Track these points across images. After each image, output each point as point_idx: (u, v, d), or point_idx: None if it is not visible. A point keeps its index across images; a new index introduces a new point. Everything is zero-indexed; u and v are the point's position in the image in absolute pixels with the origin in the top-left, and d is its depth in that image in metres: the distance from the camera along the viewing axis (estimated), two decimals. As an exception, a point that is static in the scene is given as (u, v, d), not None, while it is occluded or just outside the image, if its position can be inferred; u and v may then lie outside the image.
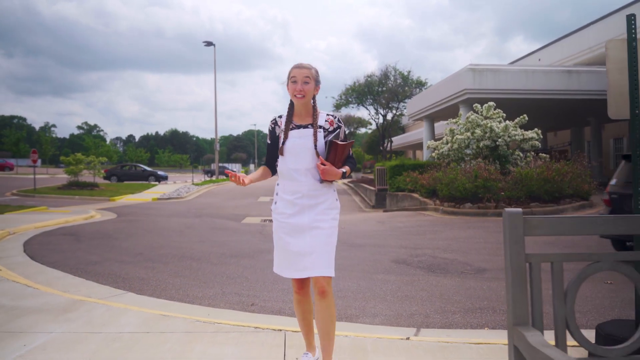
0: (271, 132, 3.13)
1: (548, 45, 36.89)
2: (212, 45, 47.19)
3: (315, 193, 3.00)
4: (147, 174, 42.05)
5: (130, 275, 6.68)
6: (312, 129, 3.01)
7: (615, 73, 3.32)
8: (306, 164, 2.97)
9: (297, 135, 3.00)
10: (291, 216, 2.99)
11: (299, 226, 2.97)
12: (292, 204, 3.00)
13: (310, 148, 2.97)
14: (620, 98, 3.29)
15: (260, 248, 9.10)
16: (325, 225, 2.98)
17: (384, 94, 41.39)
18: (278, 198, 3.10)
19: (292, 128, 3.03)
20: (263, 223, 13.92)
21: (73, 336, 3.84)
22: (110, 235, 10.85)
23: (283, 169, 3.03)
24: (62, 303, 4.82)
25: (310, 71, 3.01)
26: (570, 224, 1.92)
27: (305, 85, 2.97)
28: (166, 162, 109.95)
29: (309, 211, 2.98)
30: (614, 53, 3.34)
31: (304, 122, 3.05)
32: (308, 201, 2.99)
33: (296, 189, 3.00)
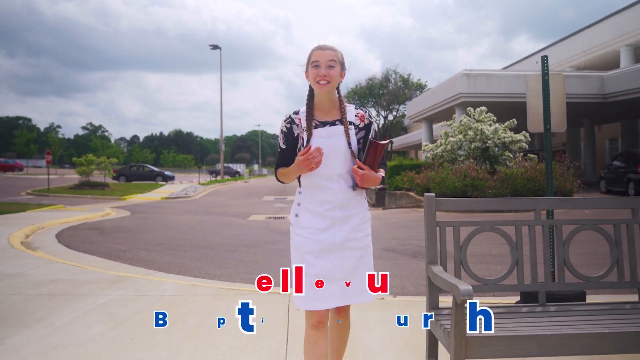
0: (287, 133, 2.59)
1: (545, 48, 38.03)
2: (218, 48, 48.46)
3: (348, 203, 2.56)
4: (154, 174, 43.33)
5: (157, 259, 7.85)
6: (342, 125, 2.56)
7: (533, 99, 4.48)
8: (338, 169, 2.53)
9: (325, 135, 2.53)
10: (321, 231, 2.52)
11: (329, 245, 2.51)
12: (321, 217, 2.53)
13: (343, 149, 2.52)
14: (537, 117, 4.46)
15: (266, 239, 10.26)
16: (357, 245, 2.56)
17: (385, 96, 42.62)
18: (301, 209, 2.59)
19: (316, 126, 2.55)
20: (268, 220, 15.05)
21: (126, 297, 5.01)
22: (130, 229, 12.03)
23: (312, 176, 2.54)
24: (111, 277, 6.00)
25: (336, 53, 2.56)
26: (467, 203, 3.08)
27: (330, 70, 2.52)
28: (171, 162, 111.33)
29: (341, 226, 2.54)
30: (532, 84, 4.50)
31: (329, 117, 2.58)
32: (340, 213, 2.54)
33: (327, 198, 2.53)
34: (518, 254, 3.07)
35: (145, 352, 3.54)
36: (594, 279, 3.16)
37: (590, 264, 6.89)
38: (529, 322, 2.78)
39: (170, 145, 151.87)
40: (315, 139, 2.51)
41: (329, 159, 2.49)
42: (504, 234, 3.04)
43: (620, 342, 2.51)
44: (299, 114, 2.61)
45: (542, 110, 4.41)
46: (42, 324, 4.12)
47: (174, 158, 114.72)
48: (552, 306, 3.05)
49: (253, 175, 69.28)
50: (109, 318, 4.31)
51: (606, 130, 36.28)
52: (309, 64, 2.57)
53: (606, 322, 2.76)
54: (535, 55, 39.39)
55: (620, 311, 2.97)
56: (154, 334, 3.86)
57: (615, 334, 2.52)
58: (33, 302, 4.81)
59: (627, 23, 28.46)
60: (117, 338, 3.82)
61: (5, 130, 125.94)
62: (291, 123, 2.59)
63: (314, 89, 2.58)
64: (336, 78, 2.54)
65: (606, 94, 23.47)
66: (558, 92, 4.44)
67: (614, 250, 3.18)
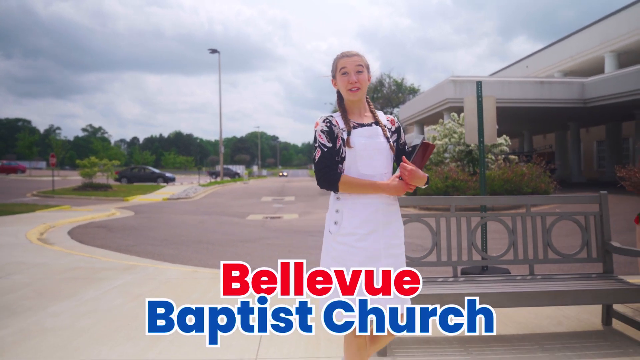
0: (328, 131, 2.53)
1: (535, 53, 39.11)
2: (216, 52, 49.50)
3: (390, 207, 2.54)
4: (155, 175, 44.34)
5: (162, 252, 8.89)
6: (379, 127, 2.58)
7: (470, 116, 5.52)
8: (382, 168, 2.52)
9: (367, 134, 2.53)
10: (365, 237, 2.45)
11: (374, 251, 2.46)
12: (366, 222, 2.47)
13: (385, 149, 2.53)
14: (472, 131, 5.50)
15: (262, 236, 11.30)
16: (397, 252, 2.54)
17: (379, 100, 43.71)
18: (341, 216, 2.51)
19: (354, 127, 2.54)
20: (265, 219, 16.06)
21: (138, 281, 6.05)
22: (136, 227, 13.07)
23: (354, 176, 2.49)
24: (123, 265, 7.05)
25: (362, 58, 2.58)
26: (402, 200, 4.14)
27: (359, 75, 2.54)
28: (172, 164, 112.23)
29: (383, 231, 2.49)
30: (469, 105, 5.54)
31: (365, 120, 2.60)
32: (383, 217, 2.50)
33: (370, 201, 2.49)
34: (437, 239, 4.11)
35: (157, 316, 4.59)
36: (494, 258, 4.22)
37: (499, 248, 7.95)
38: (447, 287, 3.84)
39: (171, 147, 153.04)
40: (358, 139, 2.50)
41: (372, 159, 2.50)
42: (427, 224, 4.09)
43: (497, 298, 3.56)
44: (334, 116, 2.59)
45: (477, 126, 5.45)
46: (74, 299, 5.16)
47: (175, 160, 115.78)
48: (462, 277, 4.11)
49: (252, 177, 70.24)
50: (127, 294, 5.36)
51: (594, 132, 37.36)
52: (337, 72, 2.58)
53: (495, 286, 3.82)
54: (526, 59, 40.52)
55: (511, 281, 4.03)
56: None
57: (494, 294, 3.58)
58: (62, 284, 5.85)
59: (611, 30, 29.60)
60: (134, 307, 4.87)
61: (6, 132, 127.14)
62: (330, 123, 2.55)
63: (344, 96, 2.60)
64: (365, 82, 2.57)
65: (586, 99, 24.52)
66: (489, 112, 5.48)
67: (511, 236, 4.23)
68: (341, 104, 2.62)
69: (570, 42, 34.39)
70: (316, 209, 19.62)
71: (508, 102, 24.27)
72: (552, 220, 4.35)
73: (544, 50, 37.98)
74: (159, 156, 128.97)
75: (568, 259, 4.34)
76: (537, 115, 27.78)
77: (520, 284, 3.91)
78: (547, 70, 37.06)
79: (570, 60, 34.35)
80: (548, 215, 4.38)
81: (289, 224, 14.43)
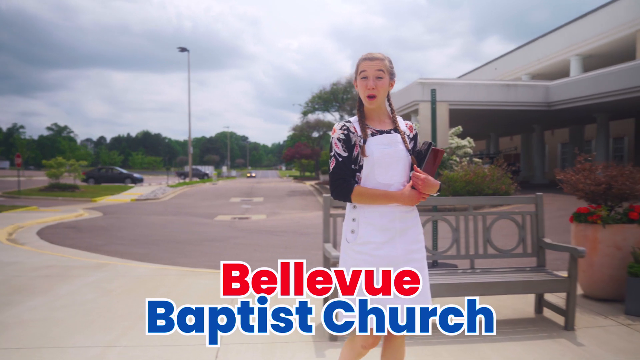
0: (345, 140, 2.48)
1: (504, 55, 40.21)
2: (186, 51, 49.46)
3: (407, 215, 2.51)
4: (123, 176, 44.07)
5: (132, 252, 9.14)
6: (398, 134, 2.53)
7: (424, 122, 5.98)
8: (401, 177, 2.48)
9: (386, 142, 2.48)
10: (382, 245, 2.43)
11: (392, 259, 2.43)
12: (383, 230, 2.45)
13: (404, 157, 2.48)
14: (426, 137, 5.94)
15: (229, 235, 11.62)
16: (418, 257, 2.52)
17: (349, 101, 44.23)
18: (358, 225, 2.48)
19: (373, 134, 2.49)
20: (233, 220, 16.35)
21: (109, 277, 6.34)
22: (105, 228, 13.24)
23: (371, 185, 2.46)
24: (95, 263, 7.31)
25: (384, 62, 2.49)
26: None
27: (378, 81, 2.46)
28: (140, 164, 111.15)
29: (401, 238, 2.47)
30: (423, 112, 5.99)
31: (383, 126, 2.54)
32: (400, 225, 2.48)
33: (388, 209, 2.46)
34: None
35: (128, 308, 4.90)
36: (439, 253, 4.66)
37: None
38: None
39: (138, 146, 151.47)
40: (376, 147, 2.44)
41: (390, 167, 2.45)
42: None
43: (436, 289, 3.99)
44: (352, 122, 2.53)
45: (430, 132, 5.90)
46: (49, 294, 5.44)
47: (142, 160, 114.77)
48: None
49: (221, 178, 70.18)
50: (99, 289, 5.65)
51: (559, 134, 38.47)
52: (357, 74, 2.52)
53: (437, 278, 4.25)
54: (495, 62, 41.58)
55: (453, 274, 4.47)
56: (134, 299, 5.23)
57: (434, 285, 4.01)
58: (36, 281, 6.10)
59: (576, 34, 30.75)
60: (107, 301, 5.17)
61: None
62: (348, 130, 2.49)
63: (362, 101, 2.55)
64: (385, 89, 2.49)
65: (550, 102, 25.35)
66: (442, 118, 5.94)
67: (455, 234, 4.68)
68: (360, 108, 2.57)
69: (537, 45, 35.48)
70: (284, 209, 19.98)
71: (475, 104, 24.87)
72: (492, 220, 4.82)
73: (513, 52, 39.05)
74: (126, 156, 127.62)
75: (506, 255, 4.80)
76: (503, 117, 28.57)
77: (460, 276, 4.35)
78: (515, 72, 38.13)
79: (537, 63, 35.46)
80: (488, 215, 4.83)
81: (256, 224, 14.77)
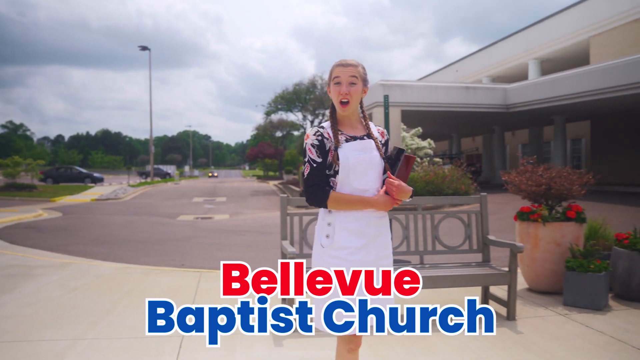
0: (319, 145, 2.49)
1: (465, 57, 41.20)
2: (147, 49, 48.91)
3: (380, 220, 2.56)
4: (83, 175, 43.37)
5: (94, 251, 9.22)
6: (372, 139, 2.55)
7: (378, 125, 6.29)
8: (375, 183, 2.51)
9: (360, 149, 2.49)
10: (357, 251, 2.47)
11: (365, 264, 2.47)
12: (358, 235, 2.49)
13: (378, 163, 2.51)
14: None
15: (192, 235, 11.76)
16: (387, 262, 2.56)
17: (312, 102, 44.55)
18: (333, 229, 2.50)
19: (347, 140, 2.51)
20: (195, 220, 16.43)
21: (74, 275, 6.47)
22: (65, 228, 13.19)
23: (347, 190, 2.48)
24: (58, 263, 7.41)
25: (357, 69, 2.53)
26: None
27: (351, 87, 2.50)
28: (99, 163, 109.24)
29: (373, 243, 2.51)
30: (377, 115, 6.30)
31: (356, 132, 2.56)
32: (375, 230, 2.52)
33: (363, 214, 2.49)
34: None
35: (94, 304, 5.07)
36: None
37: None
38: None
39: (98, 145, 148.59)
40: (351, 153, 2.46)
41: (366, 173, 2.47)
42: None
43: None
44: (326, 128, 2.54)
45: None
46: (14, 292, 5.56)
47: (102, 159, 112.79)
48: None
49: (184, 177, 69.61)
50: (64, 287, 5.79)
51: (520, 136, 39.53)
52: (331, 80, 2.55)
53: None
54: (456, 64, 42.58)
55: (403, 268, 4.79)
56: (100, 295, 5.40)
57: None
58: (0, 280, 6.19)
59: (534, 38, 31.81)
60: (72, 298, 5.33)
61: None
62: (322, 137, 2.50)
63: (335, 107, 2.56)
64: (358, 95, 2.52)
65: (508, 104, 26.11)
66: (395, 121, 6.26)
67: (404, 232, 5.00)
68: (333, 114, 2.59)
69: (497, 48, 36.54)
70: (247, 209, 20.14)
71: (436, 106, 25.37)
72: (439, 218, 5.16)
73: (474, 55, 40.07)
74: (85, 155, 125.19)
75: (453, 251, 5.17)
76: (464, 119, 29.23)
77: (409, 270, 4.68)
78: (475, 74, 39.10)
79: (497, 65, 36.51)
80: (436, 214, 5.18)
81: (219, 224, 14.91)
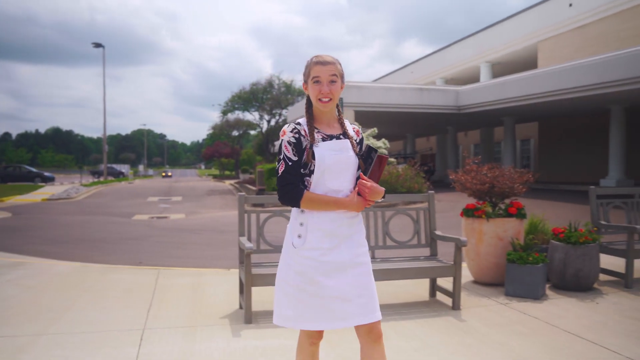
0: (296, 143, 2.44)
1: (420, 59, 42.10)
2: (100, 47, 47.96)
3: (353, 221, 2.52)
4: (32, 175, 42.33)
5: (49, 251, 9.15)
6: (347, 139, 2.51)
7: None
8: (349, 184, 2.49)
9: (336, 148, 2.45)
10: (330, 251, 2.44)
11: (339, 264, 2.45)
12: (331, 235, 2.46)
13: (354, 164, 2.48)
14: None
15: (148, 234, 11.75)
16: (366, 260, 2.53)
17: (268, 102, 44.63)
18: (306, 230, 2.47)
19: (323, 139, 2.47)
20: (151, 219, 16.35)
21: (30, 274, 6.47)
22: (17, 228, 12.97)
23: (321, 190, 2.45)
24: (12, 262, 7.37)
25: (336, 66, 2.48)
26: (261, 199, 5.00)
27: (332, 86, 2.45)
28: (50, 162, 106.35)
29: (347, 243, 2.49)
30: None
31: (333, 130, 2.53)
32: (347, 230, 2.49)
33: (336, 215, 2.46)
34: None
35: (53, 301, 5.13)
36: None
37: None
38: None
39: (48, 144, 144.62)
40: (328, 152, 2.41)
41: (341, 174, 2.44)
42: (287, 217, 4.99)
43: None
44: (302, 125, 2.48)
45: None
46: (-32, 291, 5.54)
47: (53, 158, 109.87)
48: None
49: (138, 176, 68.52)
50: (20, 286, 5.81)
51: (472, 136, 40.55)
52: (309, 78, 2.47)
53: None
54: (412, 65, 43.44)
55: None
56: (58, 293, 5.45)
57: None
58: (-47, 280, 6.15)
59: (486, 42, 32.80)
60: (30, 296, 5.37)
61: None
62: (299, 134, 2.45)
63: (313, 104, 2.51)
64: (338, 93, 2.48)
65: (460, 106, 26.85)
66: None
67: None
68: (309, 110, 2.54)
69: (451, 50, 37.51)
70: (203, 208, 20.12)
71: (391, 107, 25.84)
72: (390, 215, 5.43)
73: (428, 57, 41.00)
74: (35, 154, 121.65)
75: (403, 245, 5.44)
76: (418, 119, 29.85)
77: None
78: (430, 76, 40.00)
79: (451, 68, 37.47)
80: (387, 210, 5.45)
81: (175, 223, 14.90)
